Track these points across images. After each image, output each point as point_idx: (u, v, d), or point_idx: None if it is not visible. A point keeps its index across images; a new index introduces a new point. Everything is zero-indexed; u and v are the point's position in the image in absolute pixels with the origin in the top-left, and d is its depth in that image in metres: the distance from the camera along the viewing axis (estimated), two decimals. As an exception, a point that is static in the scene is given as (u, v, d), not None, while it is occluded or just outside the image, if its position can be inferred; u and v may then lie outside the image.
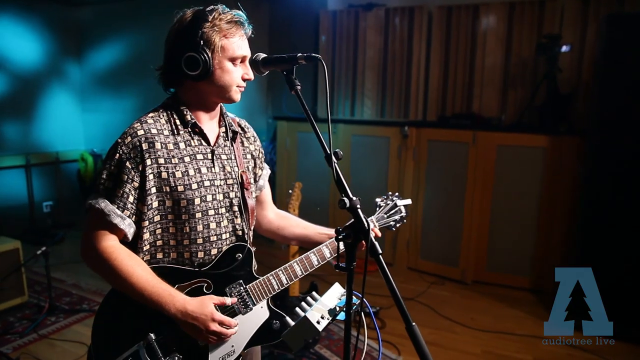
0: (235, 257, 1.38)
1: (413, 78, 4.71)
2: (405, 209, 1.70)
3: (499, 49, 4.34)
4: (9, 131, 5.38)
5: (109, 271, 1.25)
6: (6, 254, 3.41)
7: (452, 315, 3.57)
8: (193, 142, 1.35)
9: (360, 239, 1.05)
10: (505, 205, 4.05)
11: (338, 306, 1.18)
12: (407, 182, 4.44)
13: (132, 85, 5.66)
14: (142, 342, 1.28)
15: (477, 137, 4.02)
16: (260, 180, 1.59)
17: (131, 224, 1.28)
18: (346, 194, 1.07)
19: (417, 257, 4.49)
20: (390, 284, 0.98)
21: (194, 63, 1.27)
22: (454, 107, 4.60)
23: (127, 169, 1.26)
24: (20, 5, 5.33)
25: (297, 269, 1.43)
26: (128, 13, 5.61)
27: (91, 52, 6.01)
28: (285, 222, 1.67)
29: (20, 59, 5.37)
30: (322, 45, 5.10)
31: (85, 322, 3.40)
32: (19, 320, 3.41)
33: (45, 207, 5.68)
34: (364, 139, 4.64)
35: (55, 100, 5.81)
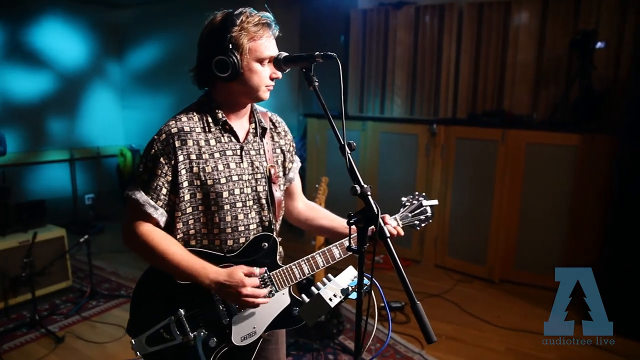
0: (261, 245, 1.49)
1: (443, 76, 4.74)
2: (432, 209, 1.73)
3: (531, 45, 4.32)
4: (55, 127, 5.75)
5: (147, 251, 1.41)
6: (53, 241, 3.70)
7: (478, 312, 3.61)
8: (223, 139, 1.46)
9: (371, 224, 1.15)
10: (535, 204, 4.03)
11: (350, 286, 1.29)
12: (435, 179, 4.49)
13: (168, 83, 5.92)
14: (173, 316, 1.43)
15: (507, 134, 4.03)
16: (290, 173, 1.66)
17: (163, 214, 1.42)
18: (358, 182, 1.17)
19: (445, 254, 4.53)
20: (396, 263, 1.08)
21: (224, 66, 1.37)
22: (484, 104, 4.61)
23: (161, 163, 1.39)
24: (66, 9, 5.68)
25: (319, 260, 1.52)
26: (165, 14, 5.88)
27: (131, 52, 6.33)
28: (314, 214, 1.76)
29: (66, 59, 5.73)
30: (352, 44, 5.20)
31: (123, 307, 3.64)
32: (63, 302, 3.69)
33: (87, 200, 6.02)
34: (392, 136, 4.71)
35: (97, 98, 6.16)
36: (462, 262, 4.42)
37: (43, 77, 5.55)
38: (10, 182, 4.95)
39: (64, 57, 5.71)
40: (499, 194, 4.13)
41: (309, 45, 5.35)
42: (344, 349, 3.05)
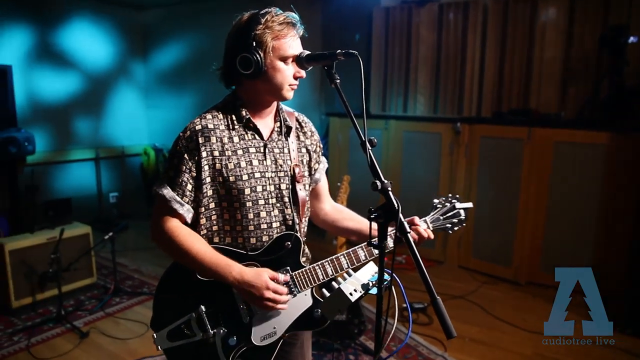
0: (284, 244, 1.49)
1: (467, 74, 4.68)
2: (465, 212, 1.71)
3: (559, 41, 4.23)
4: (81, 126, 5.90)
5: (173, 247, 1.43)
6: (79, 237, 3.79)
7: (503, 315, 3.55)
8: (247, 137, 1.48)
9: (391, 219, 1.14)
10: (563, 205, 3.94)
11: (371, 281, 1.28)
12: (458, 179, 4.44)
13: (192, 83, 6.01)
14: (194, 313, 1.45)
15: (533, 133, 3.95)
16: (317, 174, 1.66)
17: (189, 210, 1.45)
18: (378, 178, 1.17)
19: (469, 255, 4.47)
20: (416, 256, 1.07)
21: (247, 63, 1.39)
22: (509, 103, 4.53)
23: (185, 160, 1.42)
24: (92, 10, 5.82)
25: (344, 261, 1.50)
26: (189, 15, 5.98)
27: (155, 52, 6.45)
28: (340, 216, 1.75)
29: (92, 59, 5.87)
30: (375, 42, 5.19)
31: (145, 304, 3.71)
32: (88, 299, 3.78)
33: (112, 198, 6.17)
34: (415, 135, 4.68)
35: (122, 98, 6.29)
36: (486, 263, 4.35)
37: (70, 78, 5.69)
38: (39, 181, 5.11)
39: (91, 57, 5.85)
40: (525, 193, 4.05)
41: (331, 44, 5.34)
42: (364, 350, 3.03)
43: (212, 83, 1.54)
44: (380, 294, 1.17)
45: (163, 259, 4.71)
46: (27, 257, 3.47)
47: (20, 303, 3.47)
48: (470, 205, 1.69)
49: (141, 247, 5.03)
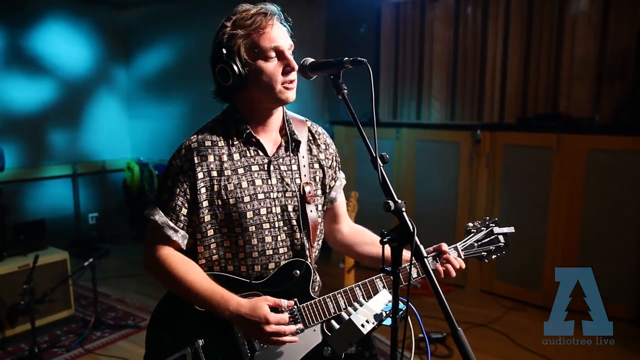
0: (292, 273, 1.50)
1: (488, 75, 4.73)
2: (505, 238, 1.66)
3: (591, 37, 4.26)
4: (57, 139, 5.96)
5: (166, 277, 1.46)
6: (54, 265, 3.82)
7: (532, 346, 3.53)
8: (249, 153, 1.49)
9: (406, 242, 1.17)
10: (599, 220, 3.95)
11: (384, 311, 1.30)
12: (480, 193, 4.46)
13: (179, 90, 6.08)
14: (190, 347, 1.46)
15: (563, 140, 3.97)
16: (332, 192, 1.66)
17: (185, 236, 1.47)
18: (391, 197, 1.20)
19: (492, 278, 4.47)
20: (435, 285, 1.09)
21: (224, 74, 1.41)
22: (536, 107, 4.57)
23: (180, 182, 1.44)
24: (67, 10, 5.91)
25: (359, 293, 1.49)
26: (176, 14, 6.06)
27: (138, 56, 6.54)
28: (360, 239, 1.73)
29: (68, 65, 5.95)
30: (384, 42, 5.25)
31: (130, 339, 3.72)
32: (65, 333, 3.79)
33: (91, 219, 6.20)
34: (430, 144, 4.71)
35: (102, 107, 6.37)
36: (512, 286, 4.35)
37: (44, 85, 5.77)
38: (9, 201, 5.15)
39: (67, 63, 5.93)
40: (555, 208, 4.06)
41: (336, 46, 5.42)
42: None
43: (202, 90, 1.56)
44: (395, 325, 1.20)
45: (150, 287, 4.73)
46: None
47: (-13, 340, 3.48)
48: (511, 230, 1.66)
49: (125, 274, 5.05)
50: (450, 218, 4.58)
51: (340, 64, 1.33)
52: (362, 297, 1.49)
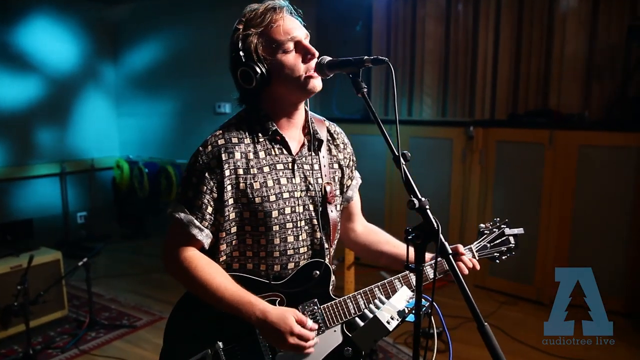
0: (312, 274, 1.50)
1: (479, 72, 4.77)
2: (515, 239, 1.73)
3: (581, 34, 4.32)
4: (44, 138, 5.86)
5: (189, 280, 1.43)
6: (47, 265, 3.76)
7: (527, 339, 3.59)
8: (274, 151, 1.48)
9: (430, 240, 1.17)
10: (590, 215, 4.02)
11: (407, 307, 1.31)
12: (472, 189, 4.50)
13: (169, 87, 6.03)
14: (210, 350, 1.45)
15: (555, 136, 4.03)
16: (349, 192, 1.67)
17: (209, 235, 1.45)
18: (415, 195, 1.20)
19: (485, 273, 4.51)
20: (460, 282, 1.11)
21: (247, 77, 1.40)
22: (527, 103, 4.62)
23: (207, 179, 1.41)
24: (54, 5, 5.81)
25: (378, 294, 1.50)
26: (164, 12, 6.00)
27: (127, 52, 6.46)
28: (374, 238, 1.75)
29: (55, 61, 5.86)
30: (375, 38, 5.25)
31: (125, 338, 3.68)
32: (59, 334, 3.74)
33: (80, 218, 6.12)
34: (423, 141, 4.73)
35: (90, 105, 6.28)
36: (505, 281, 4.40)
37: (30, 83, 5.67)
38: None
39: (54, 59, 5.83)
40: (547, 204, 4.12)
41: (327, 42, 5.40)
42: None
43: (191, 87, 1.53)
44: (418, 322, 1.21)
45: (143, 285, 4.69)
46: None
47: (-20, 343, 3.43)
48: (521, 231, 1.72)
49: (116, 273, 5.00)
50: (443, 214, 4.61)
51: (360, 63, 1.33)
52: (382, 296, 1.49)
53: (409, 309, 1.31)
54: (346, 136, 1.70)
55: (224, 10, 5.27)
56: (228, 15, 5.04)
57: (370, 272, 4.08)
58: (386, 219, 4.75)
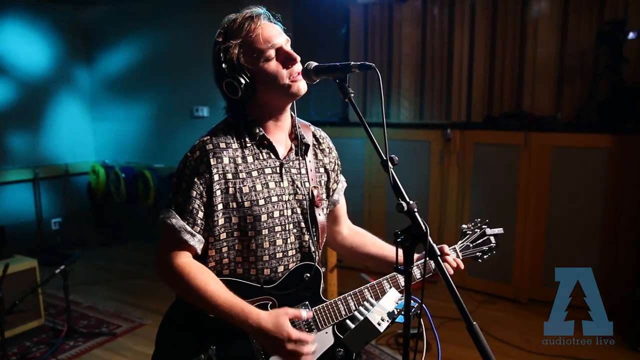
0: (302, 277, 1.52)
1: (455, 75, 4.84)
2: (496, 239, 1.77)
3: (553, 38, 4.43)
4: (16, 142, 5.73)
5: (182, 287, 1.43)
6: (22, 273, 3.67)
7: (506, 337, 3.65)
8: (262, 156, 1.49)
9: (418, 242, 1.20)
10: (564, 215, 4.12)
11: (396, 309, 1.34)
12: (450, 190, 4.57)
13: (145, 91, 5.96)
14: (203, 354, 1.45)
15: (530, 138, 4.12)
16: (335, 195, 1.69)
17: (201, 240, 1.45)
18: (403, 198, 1.23)
19: (464, 273, 4.57)
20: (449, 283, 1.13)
21: (232, 88, 1.42)
22: (502, 106, 4.71)
23: (196, 184, 1.42)
24: (24, 6, 5.69)
25: (367, 295, 1.52)
26: (141, 13, 5.93)
27: (101, 55, 6.36)
28: (360, 240, 1.77)
29: (26, 64, 5.73)
30: (352, 42, 5.30)
31: (105, 346, 3.63)
32: (35, 344, 3.66)
33: (54, 224, 6.00)
34: (401, 143, 4.77)
35: (64, 109, 6.16)
36: (484, 281, 4.48)
37: (1, 86, 5.54)
38: (-33, 207, 4.93)
39: (25, 62, 5.71)
40: (523, 204, 4.21)
41: (304, 46, 5.39)
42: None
43: (168, 90, 1.53)
44: (407, 323, 1.23)
45: (121, 292, 4.63)
46: (-39, 300, 3.34)
47: (-46, 354, 3.33)
48: (501, 231, 1.76)
49: (94, 280, 4.91)
50: (422, 215, 4.60)
51: (347, 68, 1.35)
52: (371, 298, 1.51)
53: (398, 310, 1.34)
54: (331, 141, 1.72)
55: (200, 13, 5.25)
56: (205, 18, 5.05)
57: (352, 274, 4.10)
58: (365, 221, 4.78)
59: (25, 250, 5.01)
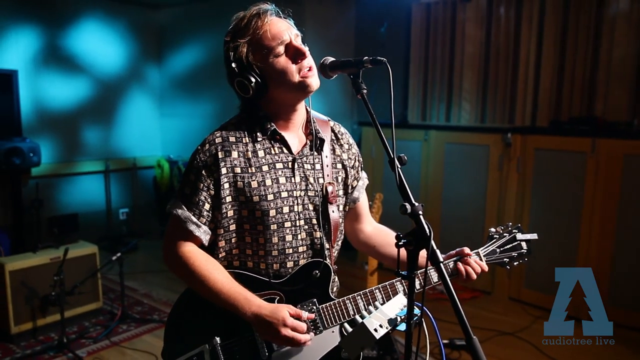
0: (312, 273, 1.50)
1: (520, 77, 4.63)
2: (528, 245, 1.65)
3: (632, 37, 4.11)
4: (90, 136, 6.11)
5: (187, 275, 1.46)
6: (84, 258, 3.90)
7: (561, 356, 3.44)
8: (273, 150, 1.49)
9: (422, 246, 1.14)
10: (635, 228, 3.82)
11: (399, 316, 1.27)
12: (509, 197, 4.37)
13: (210, 89, 6.15)
14: (208, 344, 1.46)
15: (598, 145, 3.86)
16: (355, 192, 1.66)
17: (207, 231, 1.47)
18: (408, 200, 1.17)
19: (521, 285, 4.37)
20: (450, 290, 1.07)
21: (244, 88, 1.43)
22: (571, 110, 4.44)
23: (204, 176, 1.44)
24: (103, 10, 6.05)
25: (378, 296, 1.48)
26: (209, 14, 6.13)
27: (170, 55, 6.64)
28: (384, 240, 1.73)
29: (103, 63, 6.09)
30: (414, 42, 5.21)
31: (155, 333, 3.77)
32: (93, 325, 3.88)
33: (122, 215, 6.33)
34: (459, 147, 4.64)
35: (135, 105, 6.49)
36: (542, 295, 4.23)
37: (79, 84, 5.91)
38: (43, 195, 5.31)
39: (101, 61, 6.06)
40: (589, 215, 3.95)
41: (366, 46, 5.39)
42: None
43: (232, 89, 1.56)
44: (409, 331, 1.17)
45: (177, 283, 4.79)
46: (29, 279, 3.59)
47: (20, 329, 3.58)
48: (535, 236, 1.65)
49: (152, 269, 5.13)
50: (478, 222, 4.50)
51: (360, 64, 1.31)
52: (382, 299, 1.47)
53: (401, 317, 1.27)
54: (351, 137, 1.68)
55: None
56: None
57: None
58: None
59: (95, 237, 5.32)
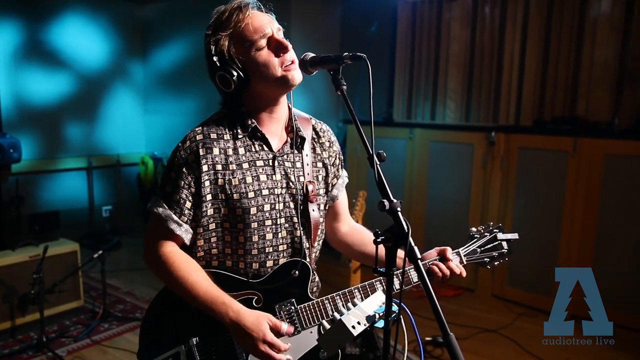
0: (290, 273, 1.48)
1: (504, 76, 4.66)
2: (509, 244, 1.66)
3: (613, 39, 4.16)
4: (73, 132, 6.03)
5: (166, 275, 1.44)
6: (65, 256, 3.85)
7: (543, 354, 3.47)
8: (254, 148, 1.47)
9: (400, 243, 1.14)
10: (615, 227, 3.87)
11: (377, 313, 1.27)
12: (492, 196, 4.40)
13: (195, 85, 6.11)
14: (184, 345, 1.45)
15: (579, 144, 3.90)
16: (334, 190, 1.65)
17: (188, 230, 1.45)
18: (387, 197, 1.17)
19: (504, 283, 4.41)
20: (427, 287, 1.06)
21: (226, 81, 1.41)
22: (553, 109, 4.49)
23: (184, 174, 1.42)
24: (86, 4, 5.97)
25: (358, 296, 1.48)
26: (194, 10, 6.08)
27: (155, 51, 6.58)
28: (360, 238, 1.72)
29: (85, 58, 6.01)
30: (399, 41, 5.21)
31: (137, 332, 3.71)
32: (74, 324, 3.83)
33: (105, 212, 6.27)
34: (444, 145, 4.66)
35: (118, 101, 6.42)
36: (524, 292, 4.29)
37: (61, 78, 5.83)
38: (24, 191, 5.23)
39: (84, 56, 5.99)
40: (570, 213, 3.99)
41: (352, 44, 5.38)
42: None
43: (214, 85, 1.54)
44: (387, 328, 1.17)
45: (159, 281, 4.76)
46: (7, 277, 3.53)
47: (-2, 328, 3.52)
48: (515, 236, 1.66)
49: (135, 267, 5.08)
50: (462, 220, 4.52)
51: (340, 60, 1.31)
52: (361, 299, 1.46)
53: (379, 314, 1.27)
54: (333, 134, 1.67)
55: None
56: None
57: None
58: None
59: (77, 235, 5.26)
